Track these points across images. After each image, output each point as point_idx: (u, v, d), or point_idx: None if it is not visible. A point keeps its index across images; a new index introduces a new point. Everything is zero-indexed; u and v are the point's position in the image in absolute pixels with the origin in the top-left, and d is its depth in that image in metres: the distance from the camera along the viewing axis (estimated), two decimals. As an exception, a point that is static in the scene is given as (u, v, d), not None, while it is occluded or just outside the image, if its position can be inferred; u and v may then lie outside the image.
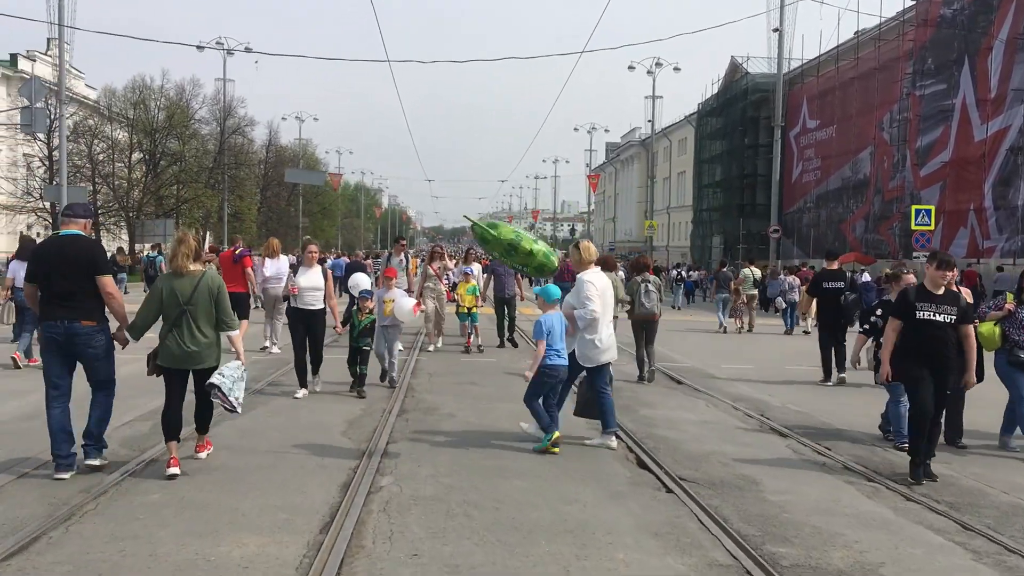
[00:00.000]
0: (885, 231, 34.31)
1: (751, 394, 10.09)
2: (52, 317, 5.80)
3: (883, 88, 33.98)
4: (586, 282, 7.03)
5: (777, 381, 11.38)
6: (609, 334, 7.17)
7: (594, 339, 7.01)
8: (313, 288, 9.09)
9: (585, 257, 7.27)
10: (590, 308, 6.90)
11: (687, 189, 62.26)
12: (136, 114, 45.38)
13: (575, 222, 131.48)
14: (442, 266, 14.03)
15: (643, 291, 10.75)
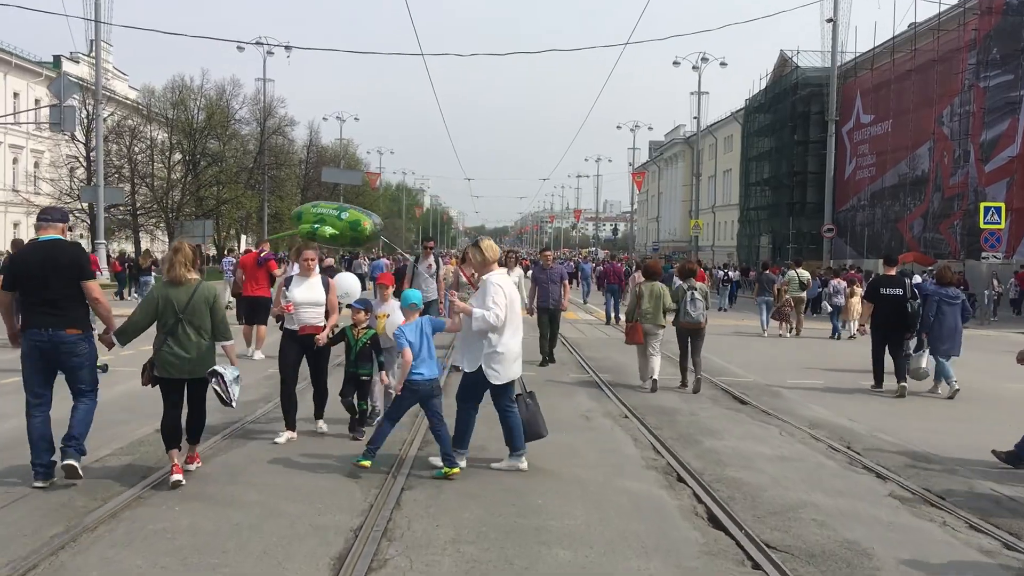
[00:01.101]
0: (945, 230, 32.70)
1: (828, 418, 8.62)
2: (37, 325, 5.61)
3: (942, 80, 32.43)
4: (492, 284, 6.03)
5: (850, 397, 10.14)
6: (516, 344, 6.20)
7: (496, 348, 6.03)
8: (312, 303, 7.19)
9: (489, 257, 6.24)
10: (494, 312, 5.92)
11: (733, 187, 60.83)
12: (176, 114, 45.36)
13: (618, 222, 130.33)
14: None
15: (689, 298, 10.29)
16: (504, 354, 6.05)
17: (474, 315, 5.96)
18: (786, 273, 19.96)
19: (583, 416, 8.33)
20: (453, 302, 6.31)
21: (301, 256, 7.53)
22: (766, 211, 49.64)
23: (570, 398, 9.48)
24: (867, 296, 11.49)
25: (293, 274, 7.76)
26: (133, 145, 41.42)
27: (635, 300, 10.52)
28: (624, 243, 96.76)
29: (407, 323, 6.22)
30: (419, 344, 6.05)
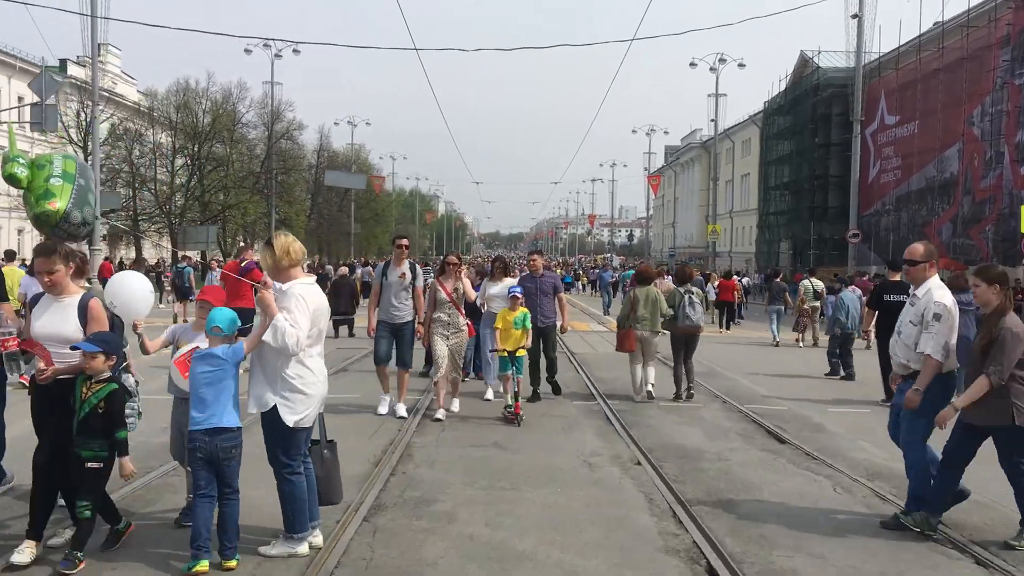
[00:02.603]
0: (976, 235, 31.13)
1: (886, 463, 6.94)
2: None
3: (972, 79, 30.91)
4: (294, 296, 4.42)
5: None
6: (320, 371, 4.59)
7: (298, 379, 4.42)
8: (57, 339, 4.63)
9: (283, 261, 4.54)
10: (291, 331, 4.31)
11: (751, 192, 59.42)
12: (180, 117, 44.41)
13: (633, 227, 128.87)
14: (459, 287, 8.85)
15: (687, 303, 10.23)
16: (307, 386, 4.43)
17: (273, 324, 4.34)
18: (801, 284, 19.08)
19: (585, 462, 6.88)
20: (263, 296, 4.43)
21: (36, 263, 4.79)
22: (786, 216, 48.28)
23: (571, 434, 8.08)
24: (870, 303, 11.20)
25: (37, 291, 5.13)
26: (134, 149, 40.45)
27: (629, 305, 10.29)
28: (640, 249, 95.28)
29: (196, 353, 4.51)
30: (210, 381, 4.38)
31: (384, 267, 9.02)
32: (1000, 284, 5.15)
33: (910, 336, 5.48)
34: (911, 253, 5.65)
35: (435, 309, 8.73)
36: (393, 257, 9.00)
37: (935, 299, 5.39)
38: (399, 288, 8.72)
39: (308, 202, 60.49)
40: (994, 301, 5.13)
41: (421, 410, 9.01)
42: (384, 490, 5.80)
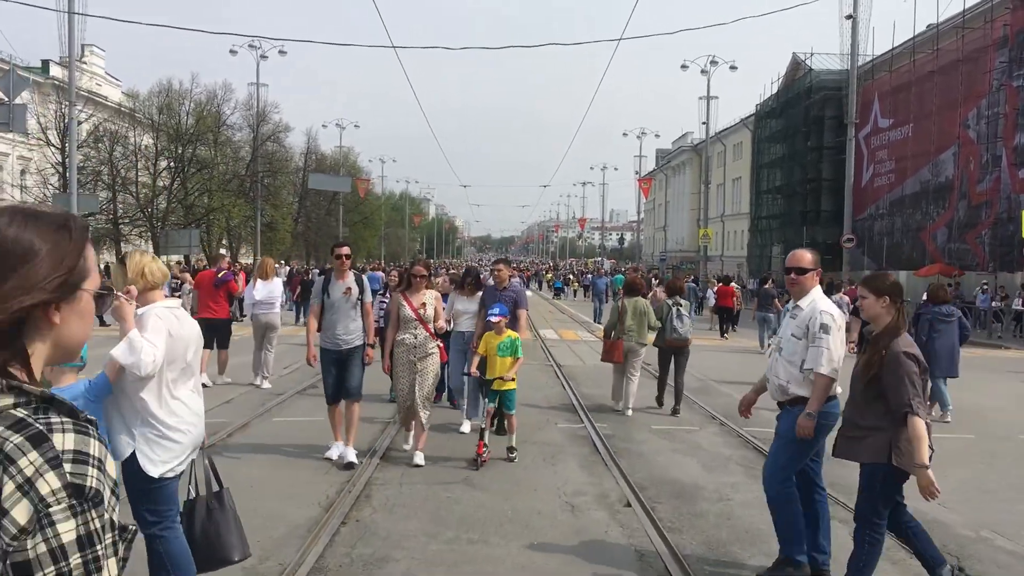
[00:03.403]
0: (972, 240, 30.60)
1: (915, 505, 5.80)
2: None
3: (968, 81, 30.42)
4: (152, 316, 3.66)
5: None
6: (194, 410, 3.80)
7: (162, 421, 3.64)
8: None
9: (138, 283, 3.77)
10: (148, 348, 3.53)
11: (743, 196, 58.98)
12: (162, 118, 43.50)
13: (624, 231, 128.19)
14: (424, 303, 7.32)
15: (674, 315, 9.96)
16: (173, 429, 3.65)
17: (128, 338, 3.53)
18: None
19: (568, 503, 6.05)
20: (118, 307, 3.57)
21: None
22: (778, 220, 47.78)
23: (554, 466, 7.22)
24: (854, 312, 10.99)
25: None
26: (114, 150, 39.51)
27: (616, 316, 10.00)
28: (631, 253, 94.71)
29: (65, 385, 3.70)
30: None
31: (324, 281, 7.38)
32: (891, 297, 4.35)
33: (794, 352, 4.73)
34: (800, 260, 4.91)
35: (399, 329, 7.25)
36: (334, 269, 7.45)
37: (820, 308, 4.72)
38: (344, 306, 7.21)
39: (295, 205, 59.64)
40: (884, 317, 4.35)
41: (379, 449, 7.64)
42: (330, 546, 4.95)
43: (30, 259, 1.24)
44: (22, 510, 1.12)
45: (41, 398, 1.21)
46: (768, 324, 17.99)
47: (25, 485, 1.13)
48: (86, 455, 1.18)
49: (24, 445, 1.15)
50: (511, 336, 7.57)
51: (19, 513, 1.12)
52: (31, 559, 1.11)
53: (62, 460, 1.16)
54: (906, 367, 4.13)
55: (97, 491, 1.18)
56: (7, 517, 1.11)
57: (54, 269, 1.25)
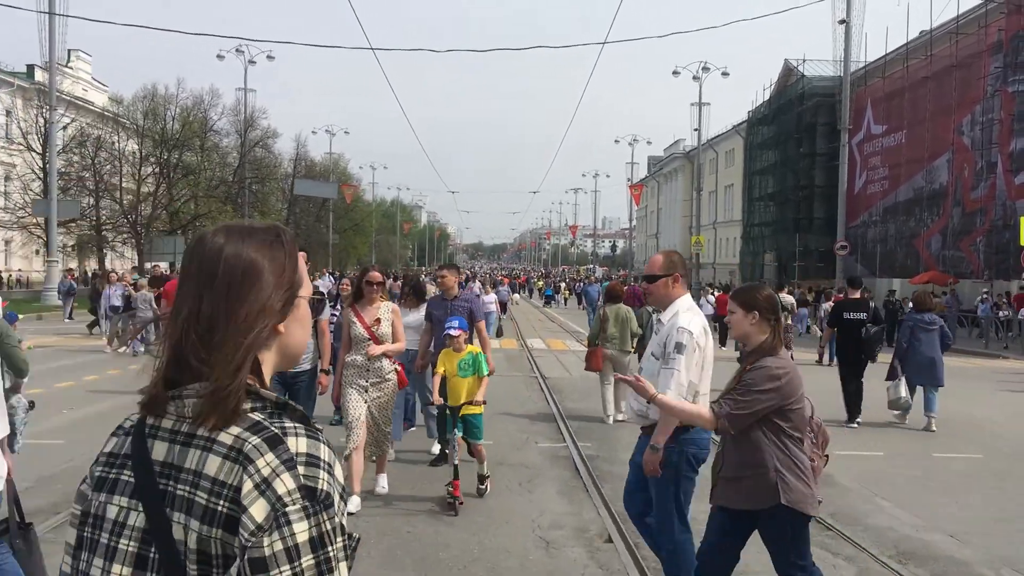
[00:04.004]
0: (967, 247, 30.22)
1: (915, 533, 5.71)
2: None
3: (962, 87, 30.10)
4: None
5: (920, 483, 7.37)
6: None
7: None
8: None
9: None
10: None
11: (735, 203, 58.67)
12: (147, 123, 42.89)
13: (616, 238, 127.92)
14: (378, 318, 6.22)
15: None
16: None
17: None
18: None
19: (542, 539, 5.43)
20: None
21: None
22: (770, 227, 47.45)
23: (531, 493, 6.59)
24: (830, 321, 10.90)
25: None
26: (98, 155, 38.87)
27: (599, 324, 9.81)
28: (623, 260, 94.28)
29: None
30: None
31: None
32: (762, 312, 3.62)
33: (652, 374, 4.07)
34: (649, 266, 4.30)
35: (349, 349, 6.14)
36: None
37: (679, 324, 4.03)
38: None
39: (284, 212, 59.04)
40: (755, 335, 3.63)
41: None
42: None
43: (257, 277, 1.29)
44: (260, 508, 1.17)
45: (276, 403, 1.29)
46: None
47: (262, 484, 1.18)
48: (317, 459, 1.22)
49: (261, 446, 1.20)
50: (472, 352, 6.46)
51: (257, 510, 1.16)
52: (267, 556, 1.15)
53: (296, 462, 1.20)
54: (758, 380, 3.46)
55: (328, 494, 1.21)
56: (246, 513, 1.16)
57: (279, 285, 1.31)
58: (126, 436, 1.32)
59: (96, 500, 1.29)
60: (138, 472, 1.26)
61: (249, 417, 1.24)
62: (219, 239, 1.30)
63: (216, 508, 1.18)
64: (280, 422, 1.25)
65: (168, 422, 1.27)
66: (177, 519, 1.21)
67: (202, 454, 1.22)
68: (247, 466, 1.19)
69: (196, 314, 1.26)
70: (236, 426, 1.23)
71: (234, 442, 1.21)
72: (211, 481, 1.20)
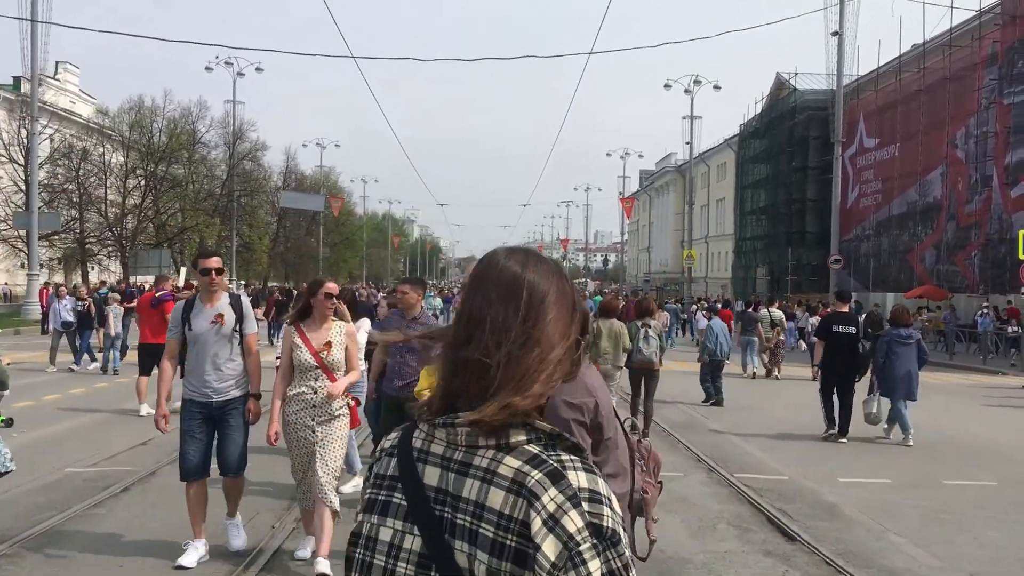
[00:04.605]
0: (961, 261, 29.87)
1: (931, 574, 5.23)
2: None
3: (956, 100, 29.87)
4: None
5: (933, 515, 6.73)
6: None
7: None
8: None
9: None
10: None
11: (727, 217, 58.46)
12: (133, 135, 42.35)
13: (608, 252, 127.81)
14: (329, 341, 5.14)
15: (642, 336, 9.91)
16: None
17: None
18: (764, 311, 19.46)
19: None
20: None
21: None
22: (763, 241, 47.20)
23: None
24: (818, 334, 10.92)
25: None
26: (81, 167, 38.29)
27: (591, 339, 8.71)
28: (615, 274, 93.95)
29: None
30: None
31: (185, 307, 5.22)
32: None
33: None
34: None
35: (292, 379, 5.06)
36: (200, 289, 5.36)
37: None
38: (215, 341, 5.07)
39: (273, 226, 58.47)
40: None
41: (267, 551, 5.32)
42: None
43: (554, 307, 1.31)
44: (551, 546, 1.17)
45: (549, 435, 1.27)
46: (752, 348, 17.90)
47: (550, 521, 1.18)
48: (599, 494, 1.22)
49: (544, 481, 1.20)
50: None
51: (549, 548, 1.17)
52: None
53: (580, 499, 1.20)
54: (562, 419, 2.82)
55: (614, 531, 1.21)
56: (540, 552, 1.17)
57: (572, 320, 1.33)
58: (390, 457, 1.33)
59: (368, 521, 1.30)
60: (411, 496, 1.27)
61: (527, 450, 1.24)
62: (514, 265, 1.32)
63: (505, 542, 1.19)
64: (556, 454, 1.25)
65: (438, 447, 1.28)
66: (459, 547, 1.22)
67: (482, 485, 1.22)
68: (533, 502, 1.19)
69: (496, 338, 1.27)
70: (515, 459, 1.23)
71: (515, 475, 1.21)
72: (496, 515, 1.20)
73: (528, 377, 1.24)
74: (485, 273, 1.32)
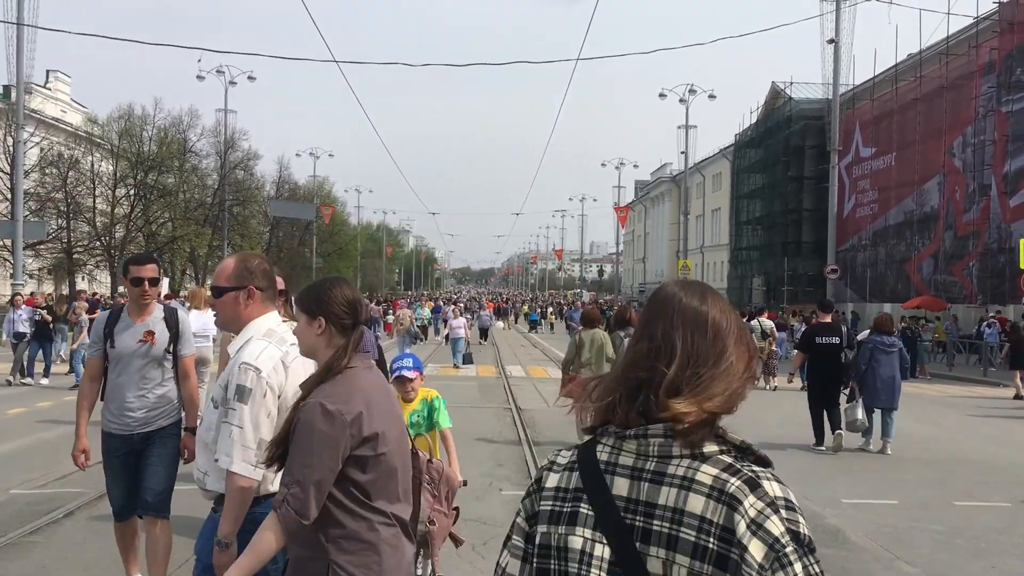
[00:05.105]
0: (959, 271, 29.48)
1: None
2: None
3: (953, 108, 29.57)
4: None
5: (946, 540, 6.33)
6: None
7: None
8: None
9: None
10: None
11: (723, 227, 58.17)
12: (122, 144, 41.89)
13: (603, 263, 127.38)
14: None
15: (624, 347, 8.78)
16: None
17: None
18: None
19: None
20: None
21: None
22: (758, 251, 46.86)
23: (484, 561, 5.43)
24: (800, 345, 10.93)
25: None
26: (69, 175, 37.79)
27: (574, 350, 9.63)
28: (610, 285, 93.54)
29: None
30: None
31: (109, 319, 4.45)
32: (333, 318, 2.43)
33: (210, 427, 2.87)
34: (216, 275, 3.04)
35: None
36: (128, 302, 4.50)
37: (243, 359, 2.77)
38: (142, 363, 4.35)
39: (266, 236, 58.00)
40: (322, 351, 2.45)
41: None
42: None
43: (732, 333, 1.41)
44: (757, 548, 1.25)
45: (738, 446, 1.36)
46: None
47: (753, 525, 1.26)
48: (793, 503, 1.30)
49: (743, 488, 1.29)
50: (427, 397, 4.66)
51: (755, 551, 1.24)
52: None
53: (778, 506, 1.28)
54: (303, 431, 2.26)
55: (811, 538, 1.28)
56: (747, 553, 1.24)
57: (744, 342, 1.44)
58: (567, 471, 1.41)
59: (555, 532, 1.37)
60: (600, 506, 1.34)
61: (721, 459, 1.32)
62: (695, 300, 1.42)
63: (707, 545, 1.26)
64: (748, 465, 1.32)
65: (627, 459, 1.35)
66: (655, 553, 1.29)
67: (680, 492, 1.29)
68: (736, 507, 1.25)
69: (683, 361, 1.36)
70: (712, 467, 1.30)
71: (714, 482, 1.29)
72: (697, 519, 1.27)
73: (713, 393, 1.34)
74: (666, 304, 1.42)
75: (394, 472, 2.36)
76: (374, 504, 2.31)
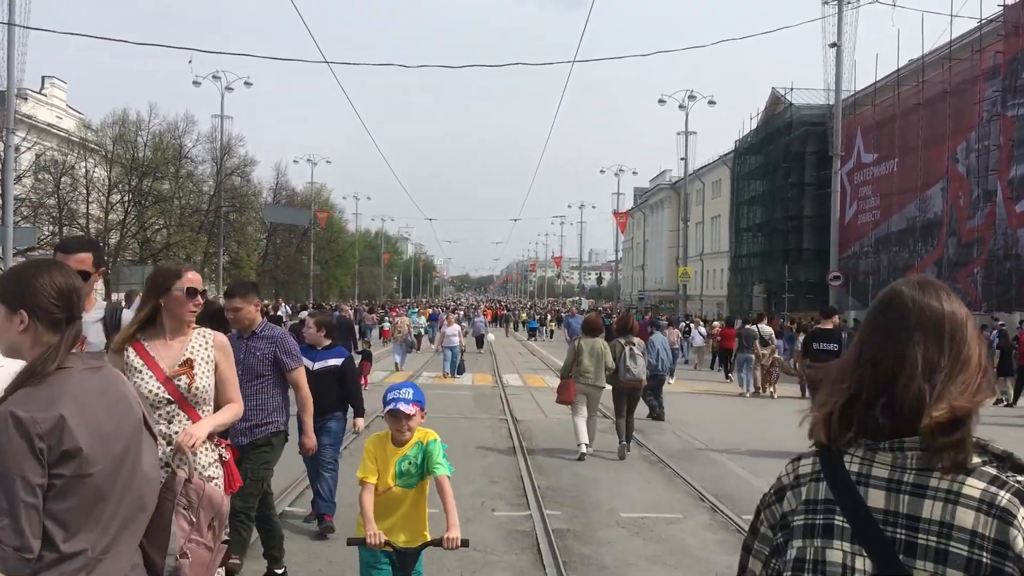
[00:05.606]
0: (964, 278, 29.05)
1: None
2: None
3: (956, 113, 29.18)
4: None
5: None
6: None
7: None
8: None
9: None
10: None
11: (723, 234, 57.84)
12: (117, 150, 41.51)
13: (602, 270, 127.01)
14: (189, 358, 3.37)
15: (627, 355, 9.67)
16: None
17: None
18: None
19: None
20: None
21: None
22: (759, 258, 46.50)
23: None
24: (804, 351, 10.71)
25: None
26: (61, 181, 37.38)
27: (573, 356, 9.58)
28: (609, 292, 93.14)
29: None
30: None
31: None
32: (38, 312, 1.94)
33: None
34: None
35: None
36: None
37: None
38: None
39: (263, 242, 57.64)
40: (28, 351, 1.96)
41: None
42: None
43: (969, 332, 1.39)
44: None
45: (998, 456, 1.34)
46: (748, 366, 17.89)
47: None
48: None
49: (1014, 501, 1.27)
50: (423, 440, 3.66)
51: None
52: None
53: None
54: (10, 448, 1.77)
55: None
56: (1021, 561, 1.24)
57: (980, 336, 1.43)
58: (816, 483, 1.41)
59: (810, 545, 1.36)
60: (858, 519, 1.32)
61: (985, 471, 1.30)
62: (931, 300, 1.39)
63: (980, 559, 1.25)
64: (1014, 476, 1.30)
65: (881, 471, 1.34)
66: (922, 567, 1.27)
67: (946, 506, 1.28)
68: (1010, 520, 1.24)
69: (926, 373, 1.33)
70: (978, 480, 1.29)
71: (983, 496, 1.27)
72: (969, 534, 1.26)
73: (960, 393, 1.31)
74: (898, 311, 1.39)
75: (104, 499, 1.86)
76: (66, 544, 1.79)
